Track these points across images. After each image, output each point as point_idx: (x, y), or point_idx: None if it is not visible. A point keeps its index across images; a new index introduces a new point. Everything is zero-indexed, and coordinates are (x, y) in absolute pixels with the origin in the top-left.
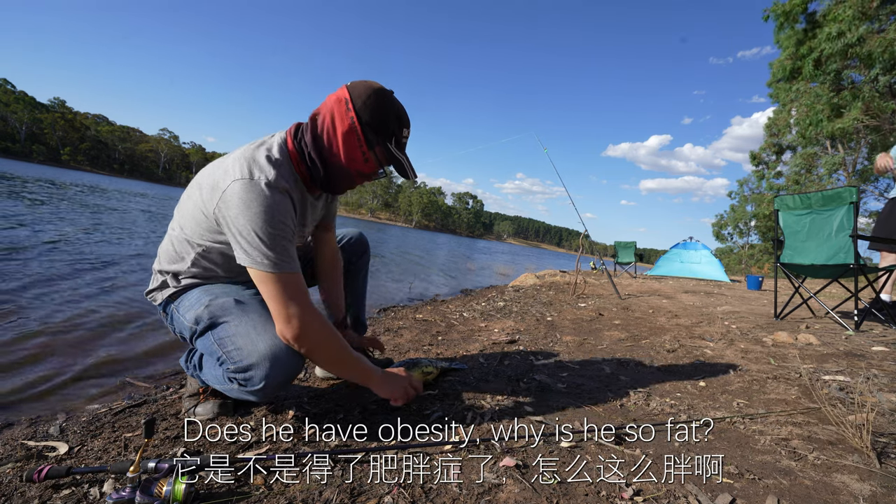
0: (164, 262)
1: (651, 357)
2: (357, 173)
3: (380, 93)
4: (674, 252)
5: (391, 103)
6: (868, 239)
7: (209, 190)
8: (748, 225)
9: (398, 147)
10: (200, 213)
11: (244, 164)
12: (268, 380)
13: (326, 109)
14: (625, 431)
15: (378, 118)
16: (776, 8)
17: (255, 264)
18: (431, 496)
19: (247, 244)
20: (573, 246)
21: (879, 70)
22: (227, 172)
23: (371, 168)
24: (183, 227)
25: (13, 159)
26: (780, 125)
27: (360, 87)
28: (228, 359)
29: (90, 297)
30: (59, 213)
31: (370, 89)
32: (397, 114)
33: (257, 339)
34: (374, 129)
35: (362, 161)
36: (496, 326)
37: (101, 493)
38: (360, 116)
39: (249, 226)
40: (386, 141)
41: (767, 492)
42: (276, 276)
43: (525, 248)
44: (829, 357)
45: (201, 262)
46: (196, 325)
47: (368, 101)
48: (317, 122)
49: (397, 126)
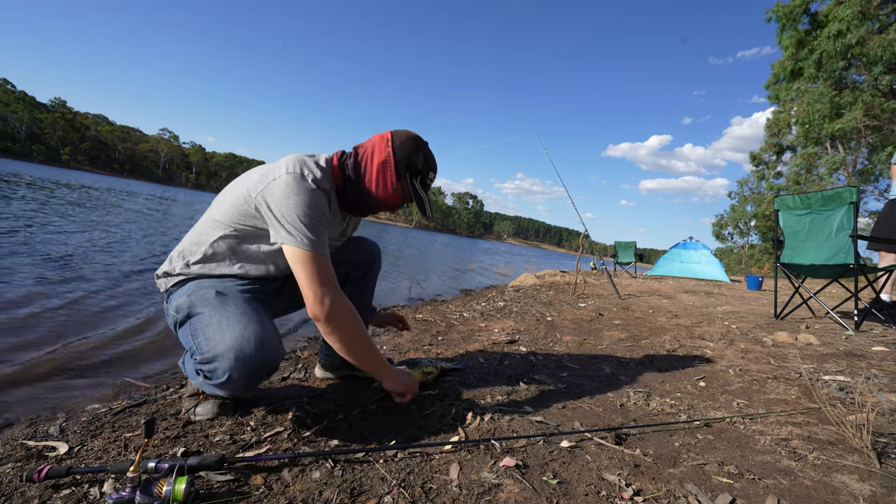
0: (183, 245)
1: (651, 357)
2: (384, 202)
3: (416, 139)
4: (674, 252)
5: (424, 149)
6: (868, 239)
7: (259, 177)
8: (748, 225)
9: (423, 186)
10: (241, 198)
11: (296, 163)
12: (231, 372)
13: (370, 144)
14: (625, 431)
15: (410, 157)
16: (778, 9)
17: (297, 242)
18: (431, 496)
19: (289, 225)
20: (573, 246)
21: (881, 69)
22: (279, 167)
23: (397, 199)
24: (217, 212)
25: (13, 159)
26: (781, 125)
27: (401, 132)
28: (197, 349)
29: (91, 297)
30: (61, 213)
31: (409, 134)
32: (427, 159)
33: (226, 331)
34: (405, 165)
35: (390, 190)
36: (496, 326)
37: (101, 493)
38: (396, 153)
39: (293, 210)
40: (413, 178)
41: (767, 492)
42: (314, 256)
43: (525, 248)
44: (829, 357)
45: (219, 245)
46: (177, 314)
47: (406, 142)
48: (359, 152)
49: (425, 168)
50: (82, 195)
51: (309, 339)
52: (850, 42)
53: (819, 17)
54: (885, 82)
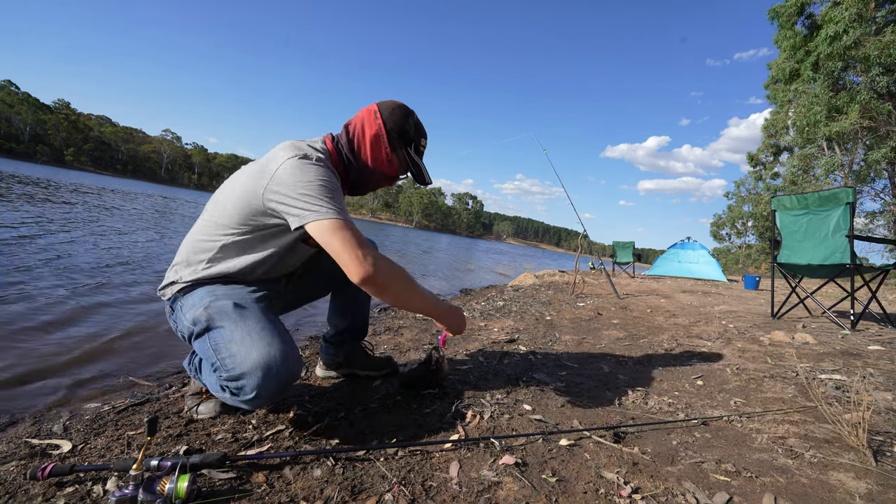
0: (185, 253)
1: (649, 356)
2: (381, 175)
3: (403, 107)
4: (672, 252)
5: (412, 117)
6: (865, 239)
7: (256, 173)
8: (745, 225)
9: (417, 153)
10: (245, 197)
11: (293, 148)
12: (259, 390)
13: (358, 119)
14: (623, 430)
15: (400, 126)
16: (777, 9)
17: (321, 215)
18: (431, 494)
19: (308, 202)
20: (572, 246)
21: (878, 71)
22: (277, 156)
23: (394, 170)
24: (218, 214)
25: (18, 160)
26: (778, 126)
27: (387, 103)
28: (222, 366)
29: (93, 296)
30: (65, 213)
31: (395, 104)
32: (417, 126)
33: (251, 347)
34: (396, 135)
35: (386, 162)
36: (496, 325)
37: (105, 491)
38: (386, 123)
39: (308, 187)
40: (406, 146)
41: (764, 490)
42: (343, 223)
43: (524, 247)
44: (825, 356)
45: (226, 251)
46: (194, 326)
47: (394, 112)
48: (349, 129)
49: (417, 135)
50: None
51: (310, 338)
52: (847, 44)
53: (816, 19)
54: (882, 84)
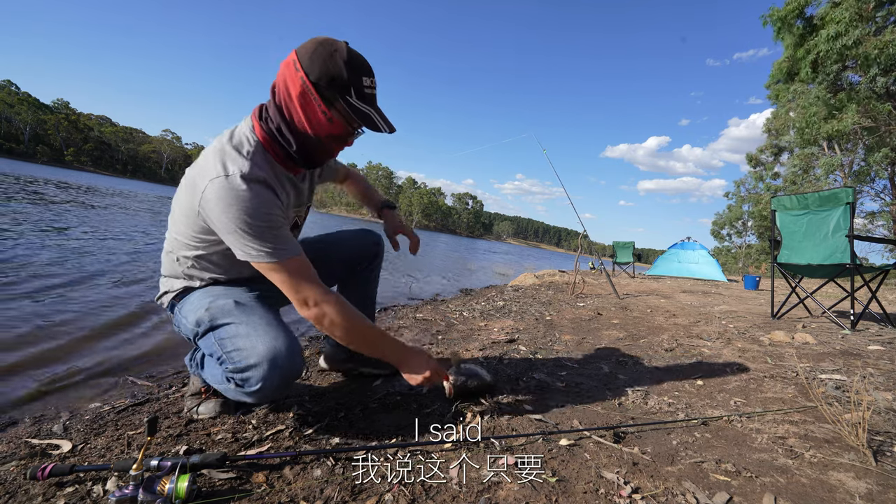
0: (166, 267)
1: (649, 356)
2: (328, 138)
3: (326, 44)
4: (672, 252)
5: (341, 53)
6: (865, 239)
7: (190, 189)
8: (745, 225)
9: (361, 99)
10: (192, 214)
11: (217, 159)
12: (265, 381)
13: (280, 78)
14: (623, 430)
15: (329, 72)
16: (773, 13)
17: (254, 257)
18: (432, 494)
19: (240, 241)
20: (572, 246)
21: (878, 71)
22: (203, 171)
23: (340, 129)
24: (178, 233)
25: (18, 160)
26: (779, 126)
27: (306, 45)
28: (228, 359)
29: (93, 296)
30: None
31: (314, 43)
32: (352, 63)
33: (257, 341)
34: (326, 84)
35: (326, 123)
36: (496, 326)
37: (105, 491)
38: (309, 74)
39: (234, 224)
40: (344, 94)
41: (764, 490)
42: (279, 265)
43: (524, 247)
44: (825, 356)
45: (201, 263)
46: (198, 327)
47: (315, 55)
48: (274, 93)
49: (354, 76)
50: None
51: (310, 337)
52: (846, 44)
53: (815, 20)
54: (881, 84)
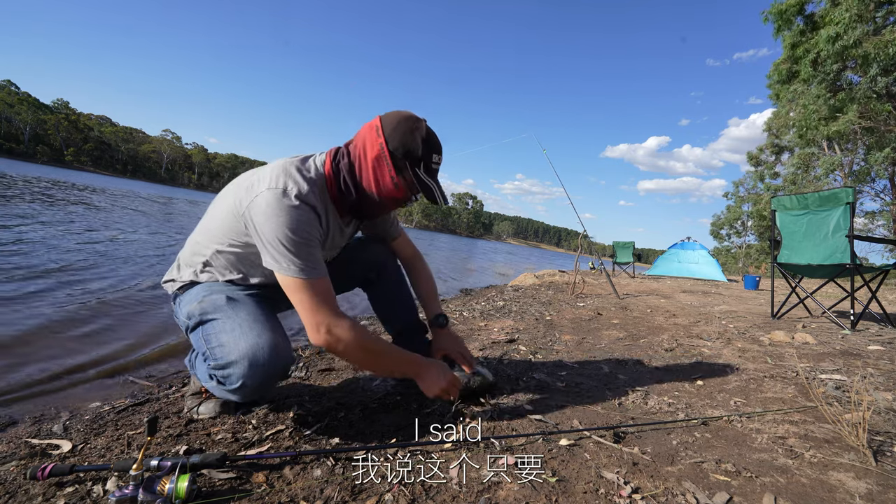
0: (187, 254)
1: (649, 356)
2: (390, 199)
3: (409, 119)
4: (672, 252)
5: (420, 130)
6: (865, 239)
7: (245, 190)
8: (745, 225)
9: (427, 172)
10: (231, 214)
11: (280, 175)
12: (245, 379)
13: (360, 138)
14: (623, 430)
15: (406, 144)
16: (773, 9)
17: (283, 269)
18: (431, 494)
19: (273, 250)
20: (572, 246)
21: (878, 71)
22: (262, 180)
23: (402, 193)
24: (212, 222)
25: (18, 160)
26: (779, 126)
27: (390, 116)
28: (211, 355)
29: (94, 296)
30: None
31: (399, 116)
32: (427, 141)
33: (240, 338)
34: (402, 154)
35: (392, 186)
36: (495, 326)
37: (105, 491)
38: (389, 142)
39: (274, 233)
40: (414, 166)
41: (764, 490)
42: (304, 283)
43: (524, 247)
44: (825, 356)
45: (217, 259)
46: (189, 320)
47: (398, 127)
48: (351, 150)
49: (426, 151)
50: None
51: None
52: (846, 43)
53: (815, 19)
54: (881, 84)
